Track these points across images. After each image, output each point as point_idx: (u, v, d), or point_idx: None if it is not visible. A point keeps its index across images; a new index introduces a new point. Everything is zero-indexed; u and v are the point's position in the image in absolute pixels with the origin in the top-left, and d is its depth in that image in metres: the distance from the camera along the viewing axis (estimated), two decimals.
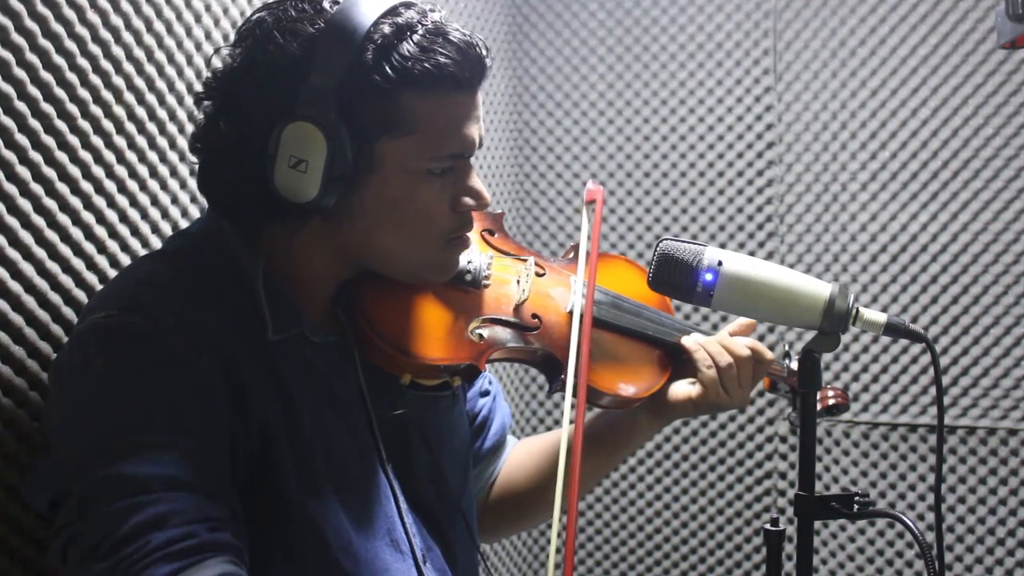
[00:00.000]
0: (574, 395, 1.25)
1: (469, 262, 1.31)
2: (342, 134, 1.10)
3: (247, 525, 1.07)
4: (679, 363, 1.50)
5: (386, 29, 1.11)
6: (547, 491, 1.43)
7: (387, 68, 1.11)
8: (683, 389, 1.47)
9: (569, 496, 1.14)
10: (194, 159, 1.22)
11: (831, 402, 1.52)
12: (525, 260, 1.43)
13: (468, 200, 1.21)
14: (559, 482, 1.19)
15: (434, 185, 1.18)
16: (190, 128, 1.49)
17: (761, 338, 2.58)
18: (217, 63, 1.19)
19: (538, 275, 1.42)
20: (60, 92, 1.28)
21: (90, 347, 1.07)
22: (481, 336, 1.29)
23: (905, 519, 1.13)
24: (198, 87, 1.51)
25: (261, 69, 1.13)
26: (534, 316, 1.36)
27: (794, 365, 1.52)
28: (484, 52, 1.18)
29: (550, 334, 1.37)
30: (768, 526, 1.24)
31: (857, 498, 1.17)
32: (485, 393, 1.53)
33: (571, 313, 1.38)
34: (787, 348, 1.57)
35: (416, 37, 1.13)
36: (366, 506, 1.22)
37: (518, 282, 1.39)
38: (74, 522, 0.99)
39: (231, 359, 1.10)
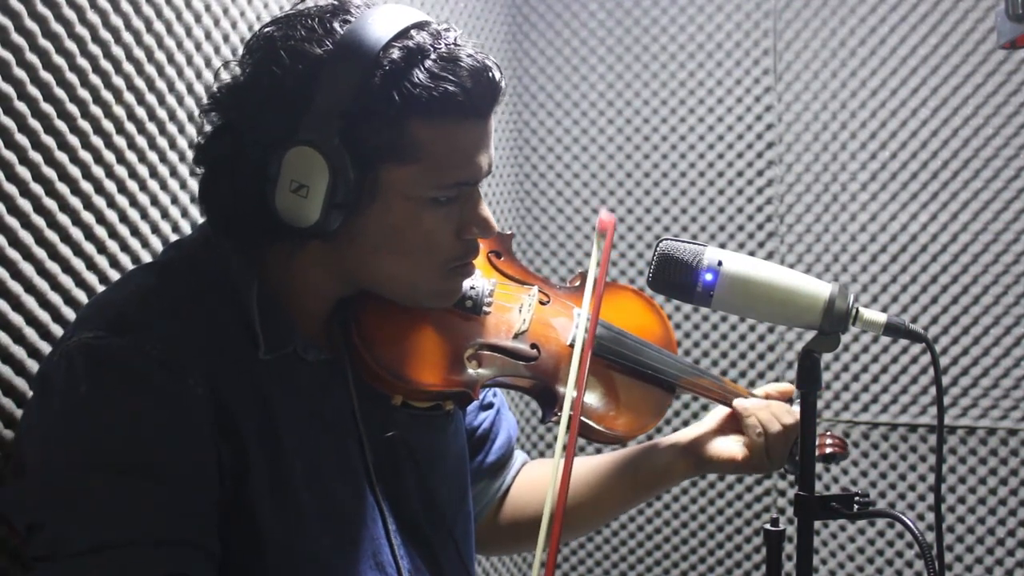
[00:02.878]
0: (566, 429, 1.23)
1: (472, 287, 1.27)
2: (345, 160, 1.08)
3: (224, 548, 1.06)
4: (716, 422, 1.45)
5: (395, 54, 1.08)
6: (565, 515, 1.41)
7: (395, 95, 1.08)
8: (728, 448, 1.41)
9: (553, 526, 1.12)
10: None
11: (828, 450, 1.46)
12: (530, 287, 1.40)
13: (474, 228, 1.18)
14: (546, 507, 1.16)
15: (439, 212, 1.15)
16: (190, 128, 1.49)
17: (761, 338, 2.58)
18: (224, 76, 1.17)
19: (541, 303, 1.39)
20: (60, 92, 1.28)
21: (76, 369, 1.04)
22: (477, 363, 1.27)
23: (905, 519, 1.13)
24: (198, 87, 1.51)
25: (265, 90, 1.10)
26: (533, 346, 1.33)
27: (794, 408, 1.47)
28: (497, 76, 1.14)
29: (548, 365, 1.34)
30: (768, 526, 1.24)
31: (857, 498, 1.17)
32: (488, 406, 1.50)
33: (571, 346, 1.35)
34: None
35: (427, 63, 1.09)
36: (351, 528, 1.20)
37: (520, 310, 1.36)
38: (45, 560, 0.99)
39: (216, 383, 1.08)
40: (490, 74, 1.13)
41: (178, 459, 1.04)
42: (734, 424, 1.43)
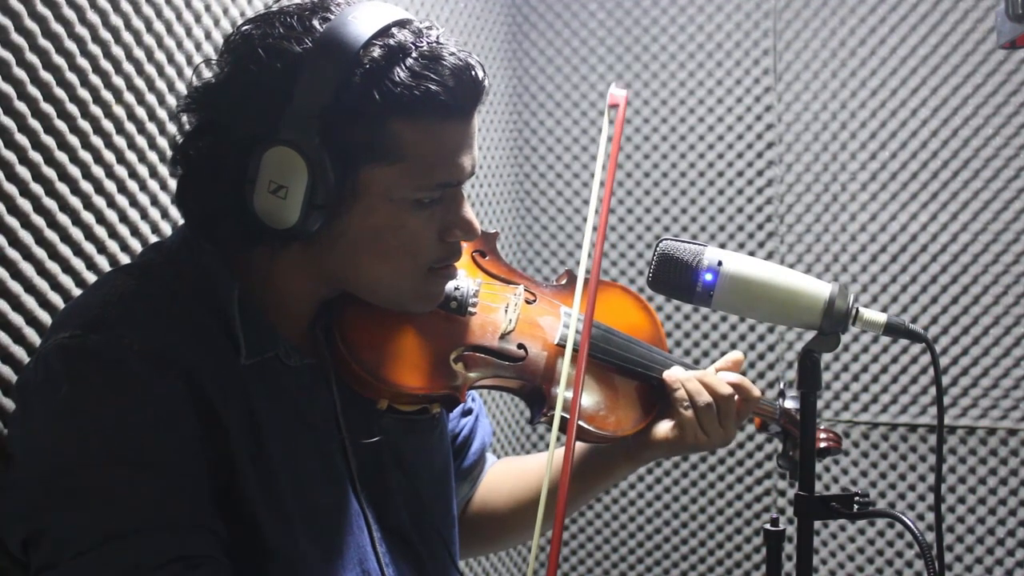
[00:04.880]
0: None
1: (456, 288, 1.25)
2: (324, 161, 1.05)
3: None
4: (667, 401, 1.42)
5: (376, 52, 1.06)
6: (527, 514, 1.38)
7: (375, 94, 1.05)
8: (661, 431, 1.39)
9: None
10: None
11: (822, 444, 1.45)
12: (515, 286, 1.38)
13: (457, 231, 1.16)
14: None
15: (421, 215, 1.13)
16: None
17: (761, 338, 2.58)
18: (200, 74, 1.15)
19: (528, 302, 1.37)
20: (60, 92, 1.28)
21: (54, 370, 1.02)
22: (463, 366, 1.25)
23: (905, 519, 1.13)
24: None
25: (243, 88, 1.08)
26: (520, 346, 1.31)
27: (788, 404, 1.45)
28: (480, 75, 1.12)
29: (535, 366, 1.32)
30: (768, 526, 1.24)
31: (857, 498, 1.16)
32: (468, 412, 1.49)
33: (559, 345, 1.34)
34: (782, 387, 1.49)
35: (408, 61, 1.07)
36: (337, 535, 1.18)
37: (506, 310, 1.34)
38: (50, 568, 0.97)
39: (198, 382, 1.06)
40: (473, 73, 1.11)
41: (169, 446, 1.03)
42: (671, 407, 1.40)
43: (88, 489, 0.99)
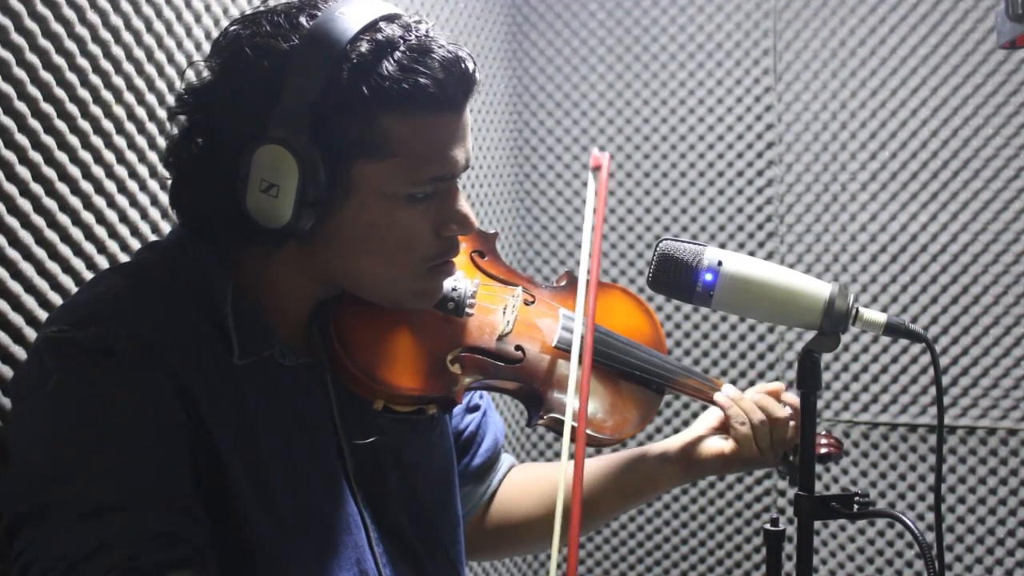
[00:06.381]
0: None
1: (454, 289, 1.24)
2: (315, 158, 1.05)
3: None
4: (716, 421, 1.45)
5: (364, 47, 1.06)
6: (552, 522, 1.41)
7: (364, 89, 1.05)
8: (715, 445, 1.41)
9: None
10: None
11: (823, 450, 1.45)
12: (514, 287, 1.37)
13: (452, 225, 1.15)
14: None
15: (416, 209, 1.12)
16: None
17: (761, 338, 2.58)
18: (191, 76, 1.15)
19: (526, 303, 1.37)
20: (60, 92, 1.28)
21: (44, 363, 1.03)
22: (459, 367, 1.24)
23: (905, 519, 1.13)
24: None
25: (232, 88, 1.08)
26: (518, 348, 1.31)
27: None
28: (471, 68, 1.11)
29: (533, 368, 1.32)
30: (768, 526, 1.24)
31: (857, 498, 1.17)
32: (474, 408, 1.47)
33: (557, 347, 1.34)
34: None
35: (396, 55, 1.06)
36: (333, 536, 1.18)
37: (504, 311, 1.33)
38: (28, 546, 0.97)
39: (186, 382, 1.06)
40: (463, 65, 1.10)
41: (155, 432, 1.02)
42: (724, 427, 1.43)
43: (68, 472, 0.98)
